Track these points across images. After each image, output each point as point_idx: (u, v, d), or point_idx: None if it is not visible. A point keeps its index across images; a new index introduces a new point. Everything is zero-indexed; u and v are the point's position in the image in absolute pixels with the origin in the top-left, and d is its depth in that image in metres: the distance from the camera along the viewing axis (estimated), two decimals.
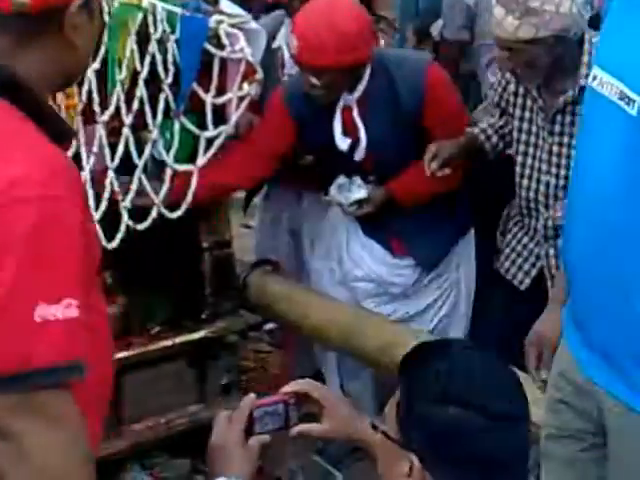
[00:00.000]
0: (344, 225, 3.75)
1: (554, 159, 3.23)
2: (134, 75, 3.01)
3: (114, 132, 3.08)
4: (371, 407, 3.76)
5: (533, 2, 3.02)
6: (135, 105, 3.02)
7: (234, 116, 3.31)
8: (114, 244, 3.05)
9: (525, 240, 3.44)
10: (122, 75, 2.96)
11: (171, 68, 3.07)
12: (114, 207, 3.10)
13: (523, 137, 3.33)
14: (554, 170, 3.23)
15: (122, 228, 3.06)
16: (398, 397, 1.68)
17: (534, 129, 3.29)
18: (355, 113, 3.46)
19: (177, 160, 3.22)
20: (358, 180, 3.54)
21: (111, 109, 2.95)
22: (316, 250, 3.94)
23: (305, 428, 1.97)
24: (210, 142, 3.27)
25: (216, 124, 3.28)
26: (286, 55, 3.88)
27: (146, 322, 3.57)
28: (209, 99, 3.21)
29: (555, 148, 3.22)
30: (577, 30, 3.08)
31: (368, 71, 3.42)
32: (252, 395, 1.94)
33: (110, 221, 3.07)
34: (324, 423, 1.97)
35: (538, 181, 3.29)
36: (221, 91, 3.28)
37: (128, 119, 3.01)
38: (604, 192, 2.05)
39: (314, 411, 2.00)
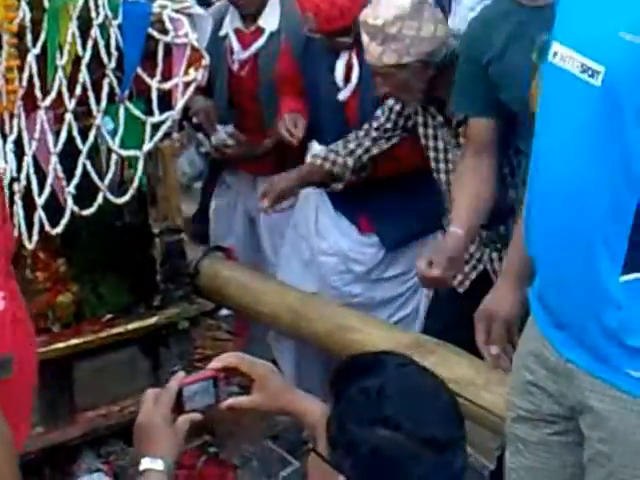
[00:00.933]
0: (315, 197, 3.74)
1: None
2: (76, 60, 2.96)
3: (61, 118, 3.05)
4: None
5: (391, 28, 3.02)
6: (78, 90, 2.97)
7: (180, 102, 3.28)
8: (58, 229, 3.01)
9: None
10: (63, 60, 2.92)
11: (114, 53, 3.03)
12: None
13: (432, 154, 3.30)
14: None
15: (67, 214, 3.01)
16: (330, 411, 1.60)
17: (441, 145, 3.26)
18: (354, 54, 3.51)
19: (126, 146, 3.19)
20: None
21: (53, 94, 2.91)
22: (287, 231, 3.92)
23: (234, 401, 1.93)
24: (156, 128, 3.23)
25: (163, 110, 3.25)
26: (234, 42, 3.92)
27: (99, 310, 3.54)
28: (154, 84, 3.18)
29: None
30: (447, 52, 3.05)
31: None
32: (180, 373, 1.90)
33: (55, 207, 3.03)
34: (254, 395, 1.92)
35: None
36: (167, 77, 3.24)
37: (71, 104, 2.96)
38: (570, 165, 2.01)
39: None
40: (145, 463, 1.79)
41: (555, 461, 2.29)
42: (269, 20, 3.86)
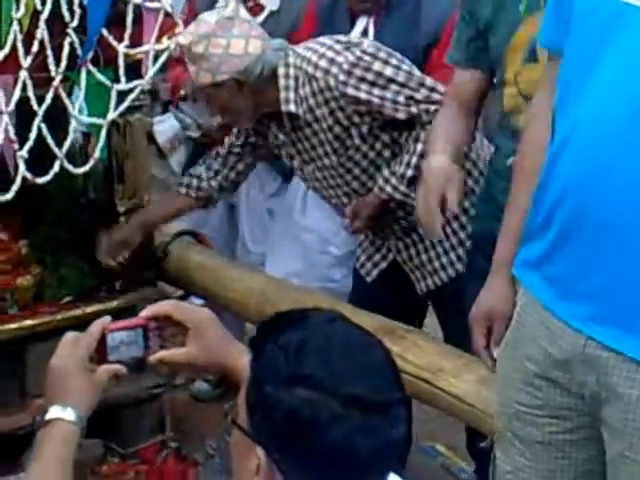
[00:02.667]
0: None
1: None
2: (34, 15, 2.71)
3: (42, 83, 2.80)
4: None
5: (198, 48, 2.87)
6: (35, 47, 2.72)
7: (151, 71, 3.03)
8: (8, 196, 2.75)
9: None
10: (19, 13, 2.67)
11: (77, 10, 2.79)
12: None
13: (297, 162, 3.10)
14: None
15: (18, 180, 2.75)
16: (248, 372, 1.35)
17: (300, 146, 3.05)
18: (371, 19, 3.33)
19: (89, 115, 2.93)
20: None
21: (6, 49, 2.66)
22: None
23: (166, 354, 1.66)
24: (122, 96, 2.98)
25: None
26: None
27: (59, 292, 3.28)
28: (121, 49, 2.93)
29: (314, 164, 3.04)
30: (264, 67, 2.89)
31: None
32: (107, 317, 1.64)
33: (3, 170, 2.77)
34: (189, 347, 1.64)
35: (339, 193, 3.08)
36: (137, 44, 3.00)
37: (26, 62, 2.71)
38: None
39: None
40: (53, 411, 1.56)
41: (562, 460, 1.99)
42: None
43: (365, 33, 3.36)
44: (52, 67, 2.78)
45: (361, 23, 3.36)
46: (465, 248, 2.96)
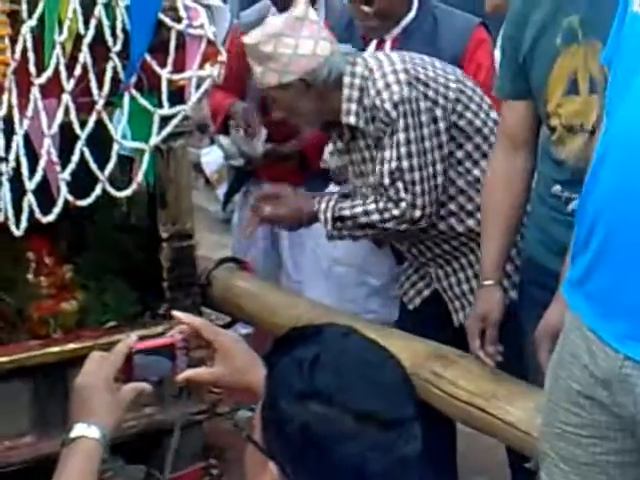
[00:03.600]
0: None
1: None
2: (77, 39, 2.71)
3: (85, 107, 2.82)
4: None
5: (266, 47, 2.81)
6: (78, 71, 2.71)
7: (194, 97, 3.01)
8: (50, 218, 2.73)
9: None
10: (62, 37, 2.67)
11: (120, 35, 2.78)
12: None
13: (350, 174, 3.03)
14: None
15: (60, 202, 2.74)
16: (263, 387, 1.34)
17: (354, 157, 2.99)
18: (387, 47, 3.25)
19: (132, 139, 2.93)
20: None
21: (49, 72, 2.66)
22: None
23: (193, 373, 1.64)
24: (165, 121, 2.96)
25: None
26: None
27: (103, 317, 3.27)
28: (165, 74, 2.91)
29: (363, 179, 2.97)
30: (331, 70, 2.82)
31: (414, 10, 3.25)
32: (133, 336, 1.62)
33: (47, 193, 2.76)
34: (216, 367, 1.63)
35: None
36: (180, 70, 2.99)
37: (69, 85, 2.71)
38: None
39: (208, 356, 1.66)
40: (77, 429, 1.54)
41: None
42: None
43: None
44: (95, 91, 2.78)
45: (371, 48, 3.30)
46: (510, 280, 2.87)
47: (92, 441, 1.54)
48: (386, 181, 2.84)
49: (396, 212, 2.85)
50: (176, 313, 1.67)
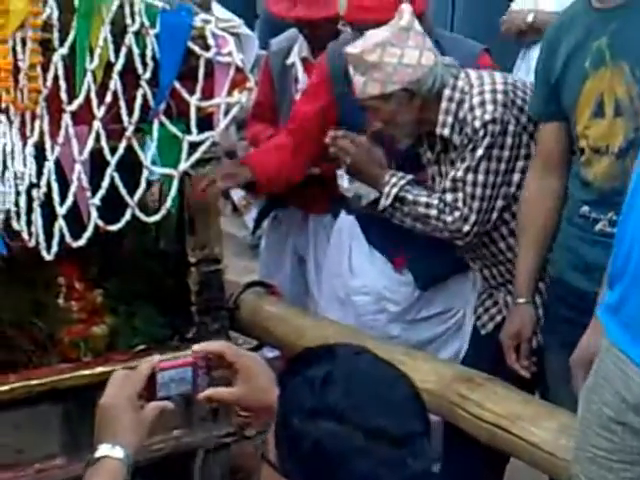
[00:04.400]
0: (348, 232, 3.46)
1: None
2: (108, 67, 2.74)
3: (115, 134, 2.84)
4: None
5: (371, 56, 2.79)
6: (108, 98, 2.73)
7: (222, 123, 3.03)
8: (81, 242, 2.75)
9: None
10: (93, 65, 2.69)
11: (150, 63, 2.80)
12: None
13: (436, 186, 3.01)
14: None
15: (90, 227, 2.75)
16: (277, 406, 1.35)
17: (444, 169, 2.98)
18: None
19: (161, 165, 2.94)
20: None
21: (80, 99, 2.68)
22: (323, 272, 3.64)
23: (214, 392, 1.65)
24: (194, 147, 2.97)
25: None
26: (299, 71, 3.72)
27: (132, 341, 3.27)
28: (193, 101, 2.93)
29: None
30: (435, 81, 2.81)
31: None
32: (156, 356, 1.62)
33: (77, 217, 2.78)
34: (237, 387, 1.64)
35: None
36: (209, 97, 3.00)
37: (100, 112, 2.72)
38: None
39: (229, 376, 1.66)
40: (102, 449, 1.55)
41: None
42: None
43: None
44: (125, 118, 2.79)
45: None
46: (542, 297, 2.87)
47: (116, 461, 1.54)
48: (448, 185, 2.86)
49: (449, 218, 2.87)
50: (195, 346, 1.69)
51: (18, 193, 2.62)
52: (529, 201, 2.75)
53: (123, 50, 2.74)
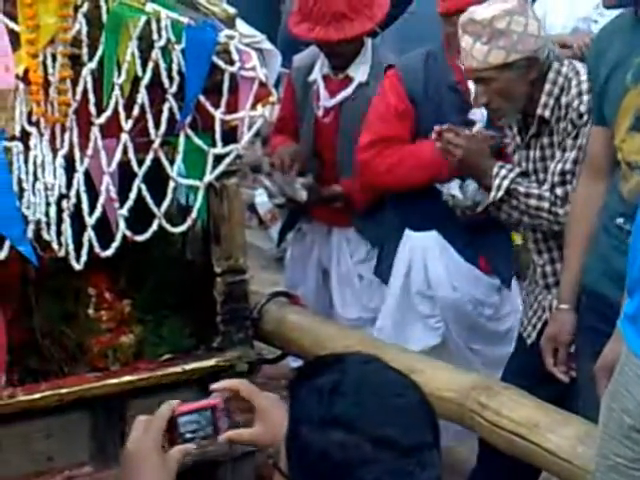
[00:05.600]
0: (420, 247, 3.46)
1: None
2: (135, 81, 2.77)
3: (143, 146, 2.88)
4: None
5: (499, 23, 2.77)
6: (135, 112, 2.77)
7: (246, 136, 3.06)
8: (109, 252, 2.78)
9: (531, 289, 3.08)
10: (121, 79, 2.73)
11: (176, 77, 2.83)
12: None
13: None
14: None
15: (118, 237, 2.78)
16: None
17: (532, 154, 2.97)
18: None
19: (187, 176, 2.97)
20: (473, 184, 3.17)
21: (108, 112, 2.72)
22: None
23: (235, 434, 1.65)
24: (218, 160, 3.01)
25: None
26: (321, 88, 3.69)
27: (158, 350, 3.30)
28: (218, 115, 2.96)
29: (533, 177, 2.92)
30: (547, 53, 2.82)
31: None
32: (175, 401, 1.62)
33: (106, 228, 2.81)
34: (256, 428, 1.64)
35: None
36: (233, 110, 3.03)
37: (127, 125, 2.76)
38: None
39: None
40: None
41: None
42: (359, 70, 3.63)
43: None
44: (152, 131, 2.83)
45: None
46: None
47: None
48: (556, 179, 2.86)
49: (560, 211, 2.87)
50: (213, 386, 1.69)
51: (48, 204, 2.66)
52: (577, 206, 2.73)
53: (150, 65, 2.78)
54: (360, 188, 3.57)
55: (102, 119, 2.72)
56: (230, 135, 3.03)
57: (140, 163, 2.84)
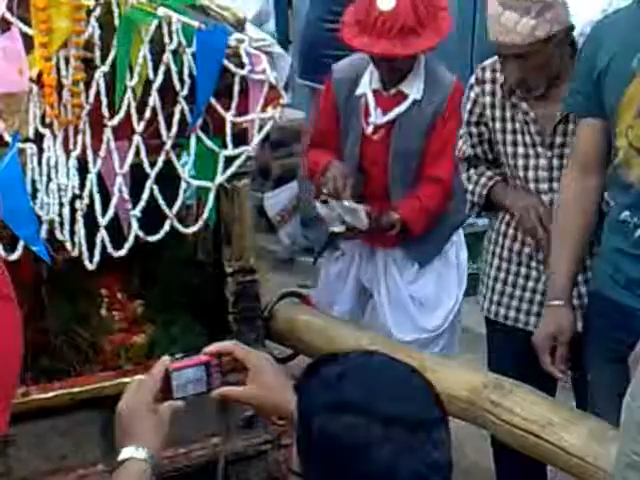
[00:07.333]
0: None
1: (555, 174, 2.85)
2: (147, 84, 2.77)
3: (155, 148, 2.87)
4: None
5: None
6: (147, 114, 2.77)
7: (256, 138, 3.05)
8: (122, 252, 2.78)
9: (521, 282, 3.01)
10: (133, 81, 2.73)
11: (187, 80, 2.83)
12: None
13: (510, 150, 2.95)
14: (556, 186, 2.84)
15: (131, 237, 2.78)
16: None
17: (522, 144, 2.91)
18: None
19: (198, 178, 2.97)
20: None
21: (121, 114, 2.72)
22: None
23: (226, 390, 1.67)
24: (229, 161, 3.00)
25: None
26: (371, 104, 3.48)
27: (170, 349, 3.28)
28: (229, 117, 2.96)
29: (556, 162, 2.85)
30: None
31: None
32: (166, 357, 1.65)
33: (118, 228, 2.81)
34: (248, 386, 1.65)
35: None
36: (243, 112, 3.03)
37: (139, 127, 2.76)
38: None
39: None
40: (125, 452, 1.55)
41: None
42: (414, 87, 3.44)
43: None
44: (164, 133, 2.83)
45: None
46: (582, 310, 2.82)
47: (141, 462, 1.55)
48: None
49: None
50: (208, 348, 1.71)
51: (61, 204, 2.65)
52: (568, 200, 2.67)
53: (161, 68, 2.78)
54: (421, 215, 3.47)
55: (114, 121, 2.72)
56: (240, 137, 3.04)
57: (152, 165, 2.84)
